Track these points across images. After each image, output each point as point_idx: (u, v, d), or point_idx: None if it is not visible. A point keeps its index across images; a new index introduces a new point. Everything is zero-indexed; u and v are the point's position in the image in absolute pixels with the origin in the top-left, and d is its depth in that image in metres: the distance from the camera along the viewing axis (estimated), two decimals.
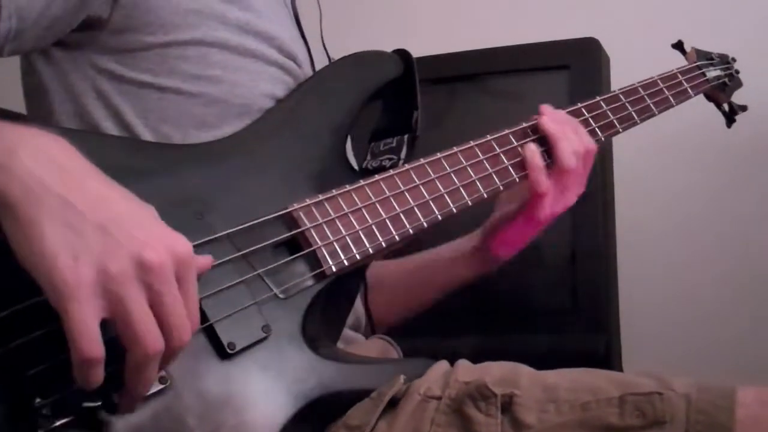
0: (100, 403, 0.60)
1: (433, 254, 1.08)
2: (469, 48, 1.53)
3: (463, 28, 1.93)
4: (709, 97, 1.28)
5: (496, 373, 0.73)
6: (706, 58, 1.23)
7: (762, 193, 1.74)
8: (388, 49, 0.98)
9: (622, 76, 1.53)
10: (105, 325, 0.55)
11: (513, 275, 1.43)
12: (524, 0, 1.94)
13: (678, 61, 1.24)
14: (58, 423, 0.58)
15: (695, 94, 1.17)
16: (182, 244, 0.59)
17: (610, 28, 1.59)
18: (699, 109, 1.40)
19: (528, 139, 0.95)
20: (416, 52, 1.54)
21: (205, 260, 0.64)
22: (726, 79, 1.24)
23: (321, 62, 0.99)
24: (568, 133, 0.95)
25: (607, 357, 1.39)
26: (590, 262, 1.38)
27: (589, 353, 1.32)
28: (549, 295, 1.41)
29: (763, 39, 1.76)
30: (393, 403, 0.72)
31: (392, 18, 2.01)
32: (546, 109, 0.97)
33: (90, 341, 0.53)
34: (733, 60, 1.29)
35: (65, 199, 0.55)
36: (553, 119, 0.95)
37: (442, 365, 0.77)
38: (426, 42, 1.59)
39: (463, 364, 0.77)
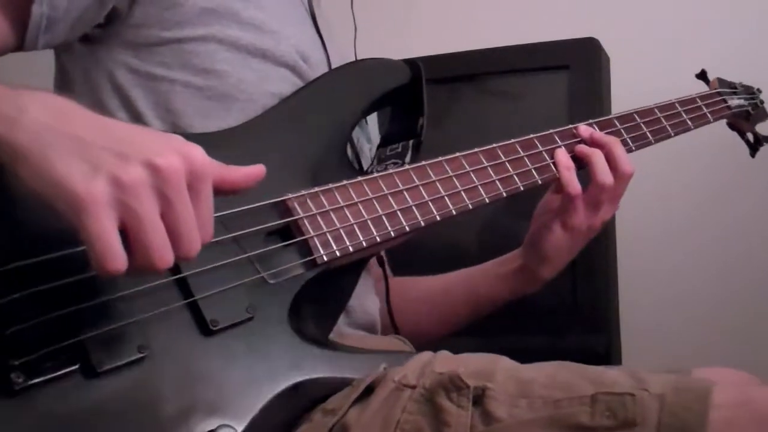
0: (78, 366, 0.60)
1: (477, 271, 1.07)
2: (469, 48, 1.53)
3: (463, 28, 1.93)
4: (732, 126, 1.28)
5: (473, 365, 0.73)
6: (729, 86, 1.23)
7: (762, 193, 1.74)
8: (389, 48, 0.99)
9: (622, 76, 1.54)
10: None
11: None
12: (524, 0, 1.94)
13: (677, 63, 1.24)
14: (31, 382, 0.58)
15: (714, 120, 1.16)
16: (197, 153, 0.59)
17: (610, 28, 1.59)
18: None
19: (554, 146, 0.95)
20: (416, 52, 1.54)
21: (237, 172, 0.64)
22: (749, 108, 1.24)
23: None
24: (612, 151, 0.96)
25: (607, 357, 1.39)
26: (590, 262, 1.37)
27: (589, 353, 1.32)
28: (549, 295, 1.40)
29: (763, 38, 1.76)
30: (371, 390, 0.72)
31: (392, 18, 2.01)
32: (583, 130, 0.98)
33: (111, 253, 0.54)
34: (759, 91, 1.29)
35: (72, 134, 0.56)
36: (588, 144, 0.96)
37: (425, 355, 0.77)
38: (426, 42, 1.60)
39: (442, 354, 0.77)
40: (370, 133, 1.05)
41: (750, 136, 1.29)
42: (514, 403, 0.68)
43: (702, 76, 1.24)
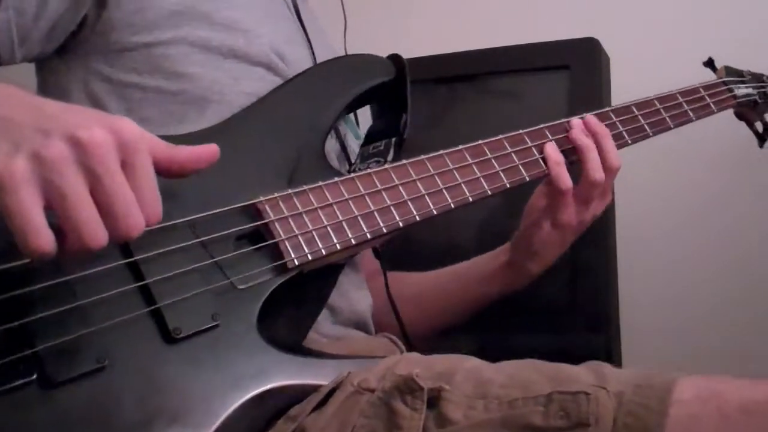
0: (35, 377, 0.59)
1: (467, 267, 1.07)
2: (469, 48, 1.53)
3: (463, 28, 1.93)
4: (740, 116, 1.24)
5: (436, 366, 0.72)
6: (737, 75, 1.19)
7: (762, 192, 1.74)
8: (388, 48, 0.98)
9: (622, 76, 1.54)
10: None
11: None
12: (524, 0, 1.94)
13: (677, 63, 1.24)
14: None
15: (718, 110, 1.13)
16: (127, 126, 0.56)
17: (610, 28, 1.59)
18: None
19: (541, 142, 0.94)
20: (416, 52, 1.54)
21: (184, 151, 0.61)
22: (757, 97, 1.20)
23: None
24: (600, 143, 0.95)
25: (608, 357, 1.39)
26: (590, 262, 1.37)
27: (589, 353, 1.32)
28: (549, 294, 1.41)
29: (763, 39, 1.76)
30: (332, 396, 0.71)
31: (392, 18, 2.01)
32: (576, 122, 0.96)
33: (33, 229, 0.52)
34: None
35: (2, 116, 0.54)
36: (582, 132, 0.94)
37: (393, 358, 0.76)
38: (426, 42, 1.60)
39: (407, 356, 0.76)
40: (357, 129, 1.03)
41: (759, 126, 1.24)
42: (471, 405, 0.66)
43: (709, 63, 1.20)
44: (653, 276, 1.77)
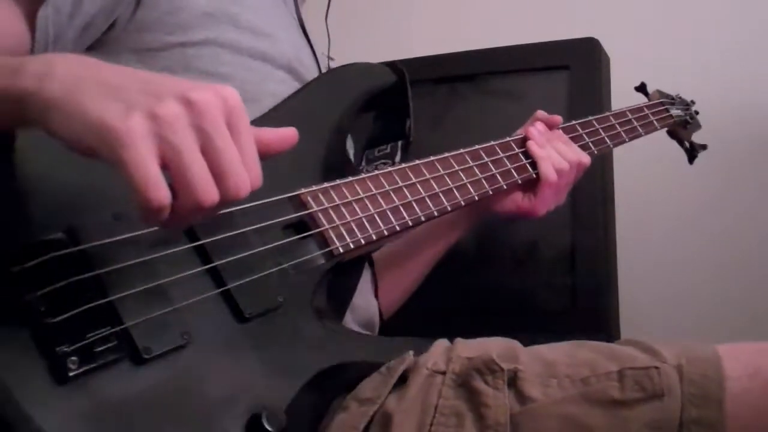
0: (125, 353, 0.61)
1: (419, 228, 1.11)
2: (469, 48, 1.53)
3: (463, 28, 1.94)
4: (672, 134, 1.37)
5: (492, 348, 0.75)
6: (668, 98, 1.32)
7: (761, 192, 1.74)
8: (389, 48, 1.00)
9: (622, 76, 1.54)
10: None
11: (513, 275, 1.43)
12: (524, 0, 1.94)
13: (677, 63, 1.24)
14: (84, 368, 0.58)
15: (661, 128, 1.26)
16: (230, 91, 0.58)
17: (610, 28, 1.59)
18: (698, 108, 1.40)
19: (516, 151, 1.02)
20: (416, 52, 1.55)
21: (271, 133, 0.63)
22: (687, 118, 1.34)
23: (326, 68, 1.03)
24: (555, 147, 1.03)
25: None
26: (590, 260, 1.38)
27: None
28: (549, 295, 1.41)
29: (762, 39, 1.76)
30: (401, 378, 0.74)
31: (393, 18, 2.02)
32: (532, 131, 1.03)
33: (155, 184, 0.52)
34: (693, 103, 1.38)
35: (104, 81, 0.55)
36: (540, 143, 1.02)
37: (443, 342, 0.80)
38: (426, 42, 1.60)
39: (460, 340, 0.80)
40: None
41: (687, 144, 1.38)
42: (545, 383, 0.71)
43: (641, 88, 1.32)
44: (653, 276, 1.77)
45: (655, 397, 0.68)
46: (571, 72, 1.44)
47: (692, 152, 1.37)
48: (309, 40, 1.03)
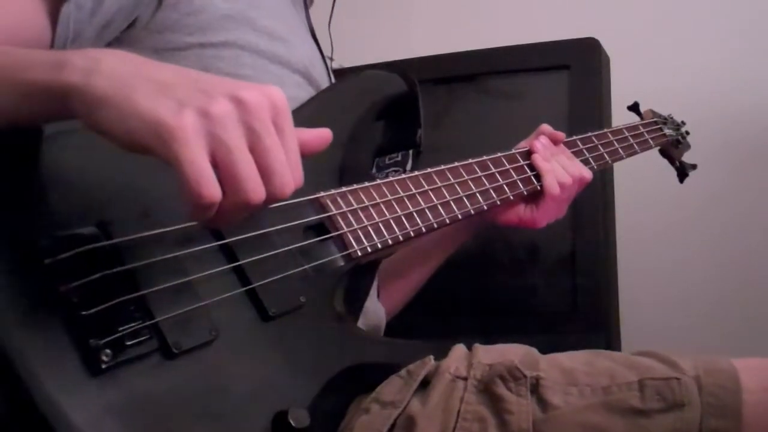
0: (157, 347, 0.61)
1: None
2: (469, 48, 1.53)
3: (463, 28, 1.93)
4: (664, 153, 1.38)
5: (510, 355, 0.76)
6: (660, 117, 1.34)
7: (761, 193, 1.74)
8: (389, 48, 1.00)
9: (622, 76, 1.54)
10: None
11: (513, 275, 1.43)
12: (524, 0, 1.94)
13: (677, 63, 1.24)
14: (117, 360, 0.58)
15: (655, 146, 1.29)
16: (276, 91, 0.58)
17: (610, 28, 1.59)
18: (698, 109, 1.40)
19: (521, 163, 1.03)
20: (416, 52, 1.54)
21: (309, 132, 0.63)
22: (679, 138, 1.36)
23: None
24: (559, 161, 1.04)
25: None
26: (590, 262, 1.38)
27: None
28: (549, 295, 1.41)
29: (762, 39, 1.76)
30: (423, 383, 0.75)
31: (392, 18, 2.02)
32: (537, 145, 1.04)
33: (207, 180, 0.53)
34: (683, 123, 1.39)
35: (153, 78, 0.56)
36: (545, 156, 1.03)
37: (461, 347, 0.81)
38: (426, 42, 1.60)
39: (480, 346, 0.81)
40: None
41: (678, 164, 1.40)
42: (566, 391, 0.72)
43: (634, 108, 1.33)
44: (653, 276, 1.77)
45: (676, 407, 0.68)
46: (571, 72, 1.44)
47: (683, 171, 1.39)
48: (319, 46, 1.04)
